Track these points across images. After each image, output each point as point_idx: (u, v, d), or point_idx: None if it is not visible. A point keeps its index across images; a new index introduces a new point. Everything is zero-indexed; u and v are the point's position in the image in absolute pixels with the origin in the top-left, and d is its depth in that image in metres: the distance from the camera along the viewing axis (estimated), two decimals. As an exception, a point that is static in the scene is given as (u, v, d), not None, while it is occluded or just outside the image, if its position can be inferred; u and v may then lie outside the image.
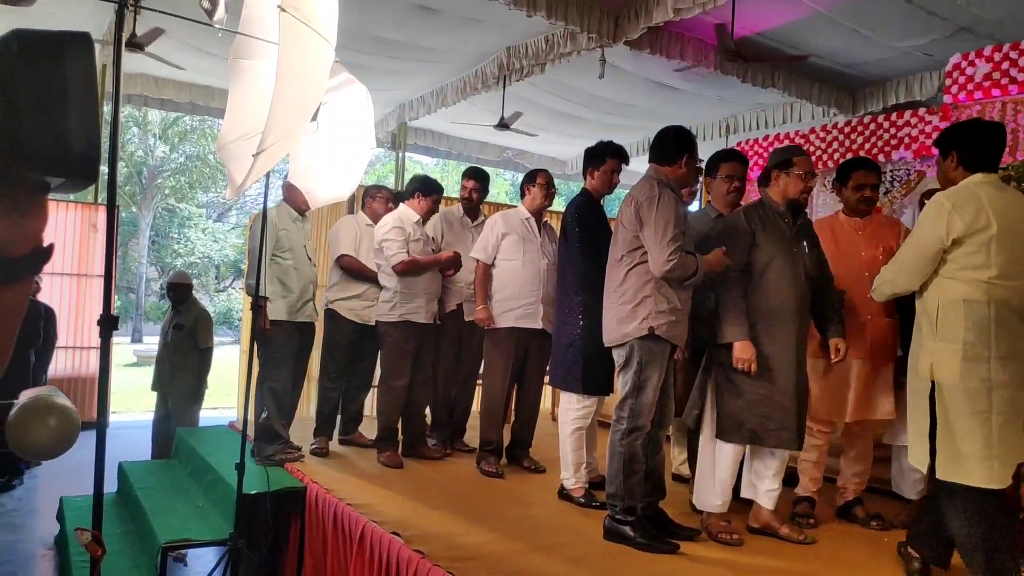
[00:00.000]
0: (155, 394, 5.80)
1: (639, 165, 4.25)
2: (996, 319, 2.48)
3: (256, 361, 3.72)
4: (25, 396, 2.06)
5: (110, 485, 4.42)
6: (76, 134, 0.57)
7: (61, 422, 1.97)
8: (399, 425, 4.38)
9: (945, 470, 2.52)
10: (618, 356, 3.17)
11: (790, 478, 3.39)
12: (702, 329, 3.27)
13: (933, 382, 2.57)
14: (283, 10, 1.72)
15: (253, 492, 3.62)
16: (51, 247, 0.67)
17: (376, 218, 4.57)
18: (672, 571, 2.80)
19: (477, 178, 4.68)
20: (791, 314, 3.08)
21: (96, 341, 8.28)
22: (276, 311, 4.14)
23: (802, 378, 3.13)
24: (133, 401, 10.03)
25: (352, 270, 4.54)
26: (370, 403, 4.88)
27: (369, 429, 4.63)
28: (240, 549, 3.42)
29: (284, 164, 3.74)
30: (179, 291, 5.78)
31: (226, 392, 9.63)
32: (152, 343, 11.51)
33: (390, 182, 15.52)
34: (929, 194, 2.96)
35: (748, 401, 3.06)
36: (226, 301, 24.62)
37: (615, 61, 6.50)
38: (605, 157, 3.71)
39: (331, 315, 4.58)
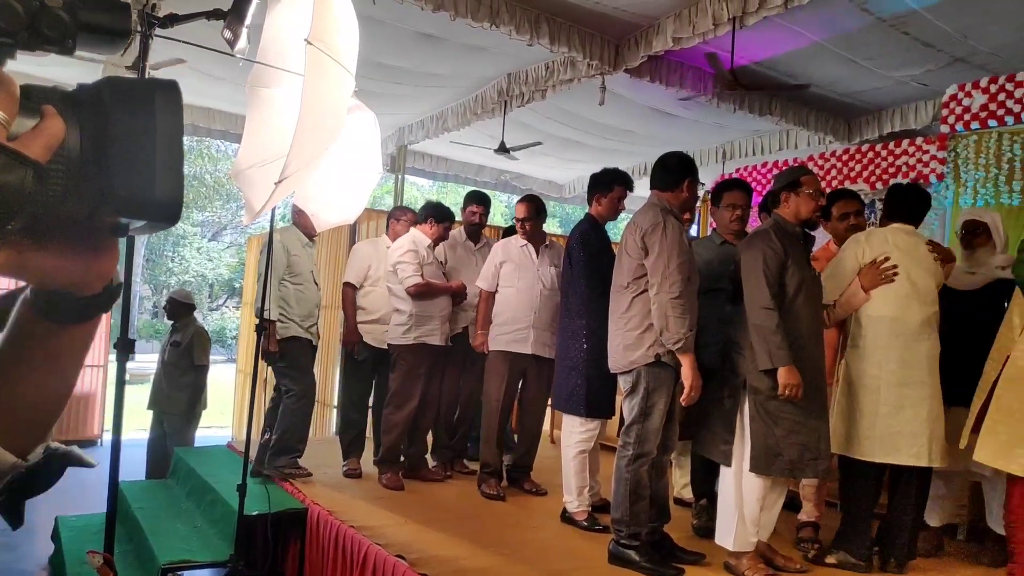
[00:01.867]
0: (150, 413, 5.79)
1: (639, 189, 4.30)
2: (890, 332, 3.12)
3: (258, 382, 3.73)
4: None
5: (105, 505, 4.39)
6: (163, 180, 0.58)
7: None
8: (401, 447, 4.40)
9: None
10: (624, 382, 3.19)
11: (791, 503, 3.41)
12: (704, 357, 3.31)
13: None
14: (310, 43, 1.76)
15: (254, 513, 3.61)
16: (120, 285, 0.69)
17: None
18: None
19: (483, 203, 4.75)
20: (817, 337, 3.09)
21: (95, 359, 8.27)
22: (289, 329, 4.18)
23: (827, 403, 3.13)
24: (126, 420, 9.95)
25: (345, 300, 4.62)
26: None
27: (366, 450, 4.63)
28: (240, 570, 3.42)
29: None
30: (177, 307, 5.79)
31: (220, 412, 9.58)
32: (144, 361, 11.46)
33: (388, 203, 15.58)
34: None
35: (785, 430, 2.93)
36: (220, 320, 24.56)
37: (615, 88, 6.58)
38: (613, 185, 3.78)
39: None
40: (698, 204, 4.03)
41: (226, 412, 9.52)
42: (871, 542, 3.17)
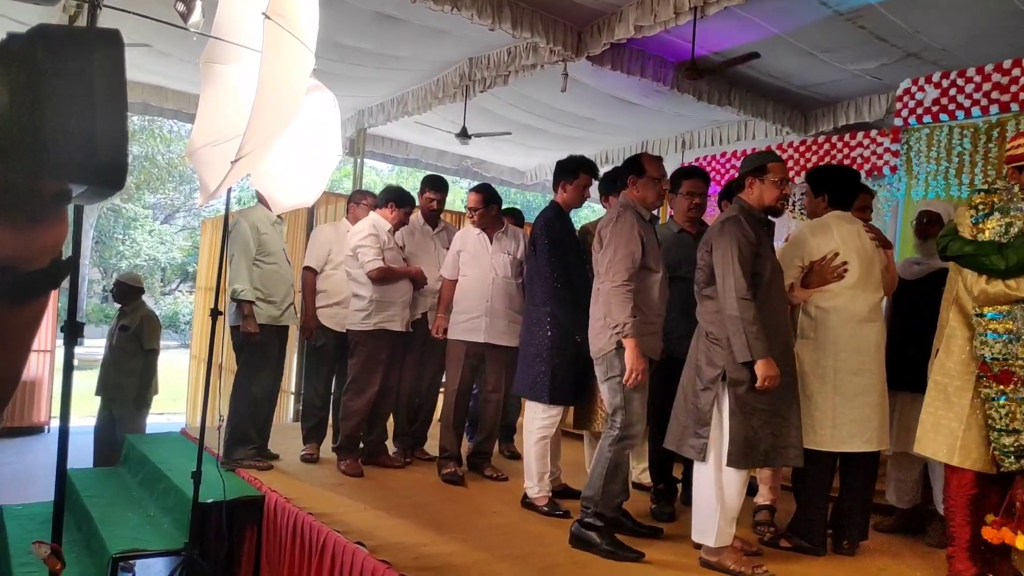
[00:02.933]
0: (97, 399, 5.63)
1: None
2: (840, 321, 3.15)
3: (214, 367, 3.66)
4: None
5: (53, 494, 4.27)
6: (104, 138, 0.53)
7: None
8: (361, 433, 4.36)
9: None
10: (600, 371, 3.23)
11: (749, 487, 3.47)
12: (668, 346, 3.34)
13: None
14: (268, 17, 1.71)
15: (209, 501, 3.55)
16: (69, 261, 0.65)
17: None
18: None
19: (439, 188, 4.68)
20: (786, 323, 3.09)
21: (42, 344, 8.01)
22: (260, 315, 4.12)
23: (797, 390, 3.12)
24: (74, 406, 9.69)
25: (305, 286, 4.56)
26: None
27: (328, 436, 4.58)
28: (194, 559, 3.35)
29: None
30: (125, 291, 5.63)
31: (173, 398, 9.38)
32: (93, 346, 11.15)
33: (346, 187, 15.38)
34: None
35: (761, 421, 2.91)
36: (172, 304, 24.03)
37: (577, 75, 6.57)
38: (578, 172, 3.78)
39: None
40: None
41: (180, 398, 9.33)
42: (825, 527, 3.25)
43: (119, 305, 5.72)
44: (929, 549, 3.38)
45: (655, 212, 3.40)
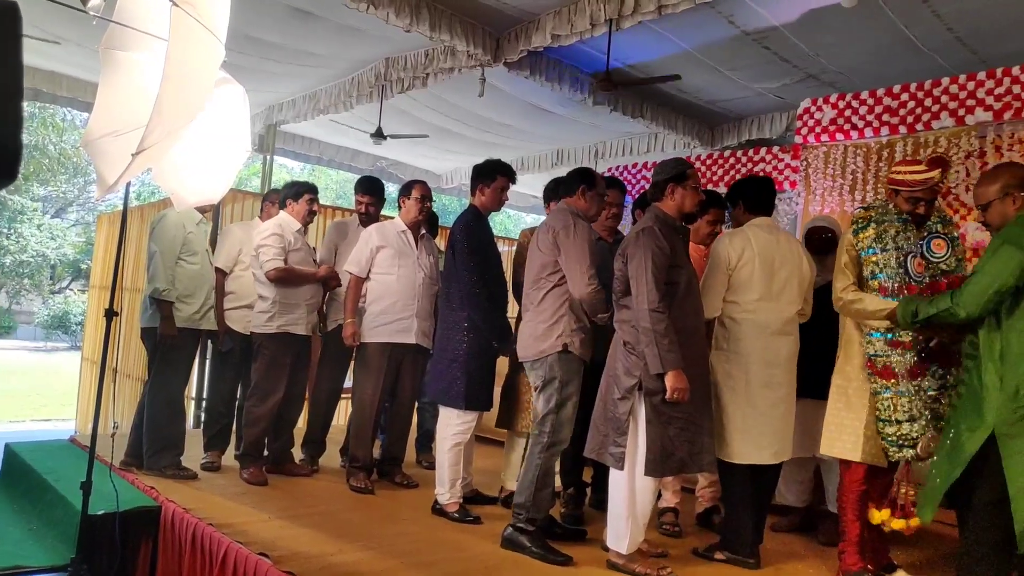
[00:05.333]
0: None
1: (518, 184, 4.33)
2: (752, 333, 3.22)
3: (108, 369, 3.46)
4: None
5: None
6: None
7: None
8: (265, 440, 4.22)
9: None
10: (536, 376, 3.26)
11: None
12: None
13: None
14: (176, 5, 1.63)
15: (99, 512, 3.35)
16: None
17: None
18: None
19: (371, 192, 4.55)
20: (700, 331, 3.12)
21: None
22: (178, 318, 3.97)
23: (711, 397, 3.17)
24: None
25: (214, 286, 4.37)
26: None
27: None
28: (82, 575, 3.17)
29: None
30: None
31: (62, 403, 8.84)
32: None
33: (255, 185, 14.92)
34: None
35: (677, 429, 2.93)
36: (63, 304, 22.63)
37: (495, 81, 6.60)
38: (495, 175, 3.77)
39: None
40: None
41: (69, 404, 8.78)
42: (755, 538, 3.27)
43: None
44: (821, 547, 3.55)
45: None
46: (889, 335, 2.90)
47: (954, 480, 2.44)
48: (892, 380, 2.89)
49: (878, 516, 2.93)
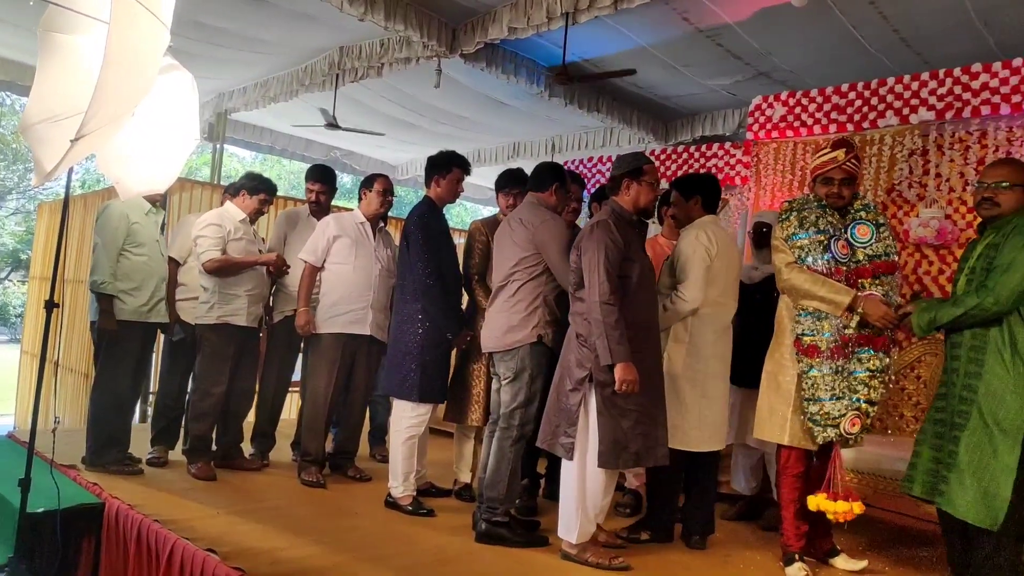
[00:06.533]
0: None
1: (474, 177, 4.32)
2: (711, 328, 3.32)
3: (48, 363, 3.35)
4: None
5: None
6: None
7: None
8: (213, 435, 4.13)
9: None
10: (506, 368, 3.28)
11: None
12: None
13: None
14: (117, -14, 1.57)
15: (39, 510, 3.24)
16: None
17: None
18: (509, 575, 2.87)
19: (322, 180, 4.47)
20: (654, 325, 3.15)
21: None
22: (124, 311, 3.83)
23: (664, 390, 3.19)
24: None
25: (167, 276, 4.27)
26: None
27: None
28: (21, 575, 3.07)
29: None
30: None
31: (1, 398, 8.54)
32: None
33: (205, 174, 14.59)
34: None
35: (632, 422, 2.93)
36: (1, 295, 21.83)
37: (451, 73, 6.56)
38: (451, 166, 3.76)
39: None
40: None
41: (8, 399, 8.48)
42: (706, 529, 3.42)
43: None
44: (766, 534, 3.64)
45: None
46: (816, 315, 2.98)
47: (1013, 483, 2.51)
48: (817, 359, 2.97)
49: (814, 502, 3.00)
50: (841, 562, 3.18)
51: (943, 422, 2.77)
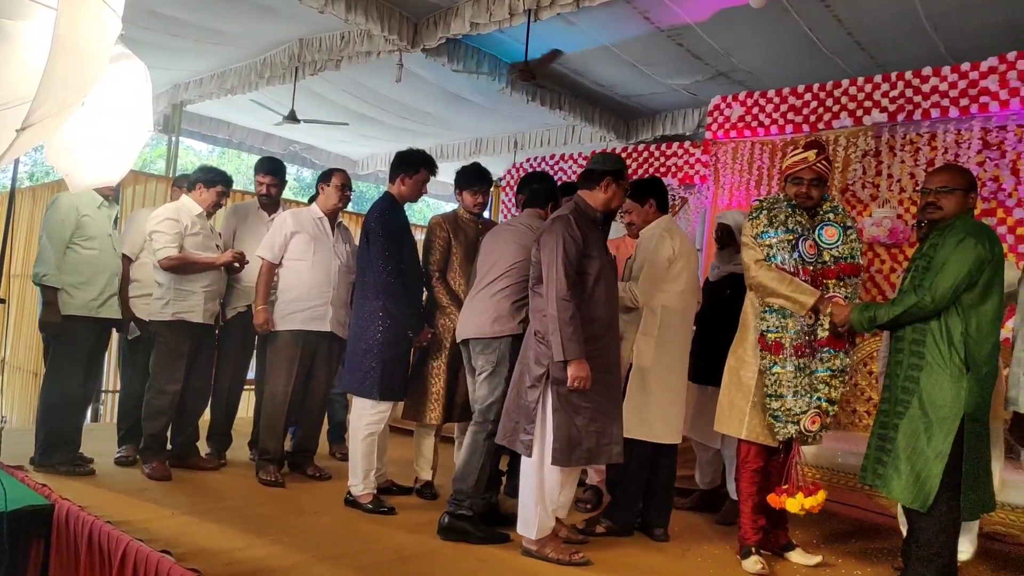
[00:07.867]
0: None
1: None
2: (678, 322, 3.43)
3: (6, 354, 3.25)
4: None
5: None
6: None
7: None
8: (168, 434, 4.05)
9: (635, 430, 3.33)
10: (484, 360, 3.29)
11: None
12: None
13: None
14: (66, -29, 1.52)
15: (-16, 513, 3.14)
16: None
17: None
18: (470, 572, 2.86)
19: (273, 172, 4.40)
20: (613, 323, 3.13)
21: None
22: (72, 305, 3.71)
23: (620, 389, 3.20)
24: None
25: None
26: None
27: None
28: (-36, 581, 2.97)
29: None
30: None
31: (-57, 397, 8.24)
32: None
33: (159, 167, 14.26)
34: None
35: (585, 419, 2.93)
36: (-56, 290, 21.06)
37: (413, 67, 6.53)
38: (419, 167, 3.73)
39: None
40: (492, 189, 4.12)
41: (-49, 397, 8.21)
42: (638, 512, 3.48)
43: None
44: (723, 528, 3.70)
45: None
46: (780, 313, 3.04)
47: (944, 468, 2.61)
48: (780, 355, 3.03)
49: (776, 500, 3.06)
50: (796, 556, 3.25)
51: (887, 412, 2.86)
